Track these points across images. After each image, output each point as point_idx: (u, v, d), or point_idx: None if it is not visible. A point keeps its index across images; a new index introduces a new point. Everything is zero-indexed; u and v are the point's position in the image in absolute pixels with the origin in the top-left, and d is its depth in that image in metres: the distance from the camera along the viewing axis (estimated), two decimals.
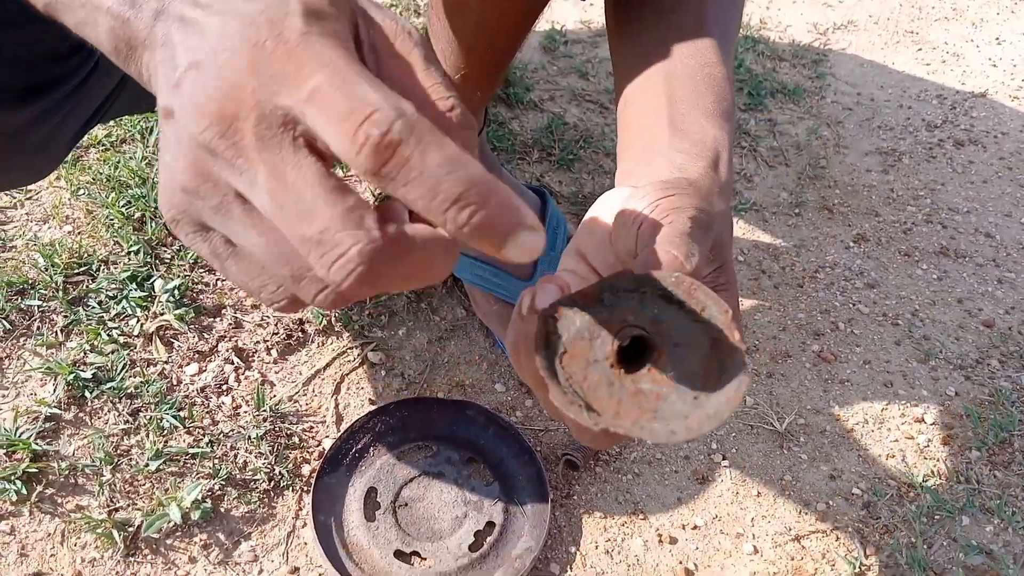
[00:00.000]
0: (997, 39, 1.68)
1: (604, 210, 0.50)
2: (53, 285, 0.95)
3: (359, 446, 0.86)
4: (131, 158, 1.12)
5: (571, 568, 0.81)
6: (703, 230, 0.43)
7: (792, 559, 0.84)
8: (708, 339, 0.36)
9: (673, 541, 0.84)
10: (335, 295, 0.31)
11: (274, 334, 0.96)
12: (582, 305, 0.37)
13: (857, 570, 0.82)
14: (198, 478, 0.82)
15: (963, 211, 1.28)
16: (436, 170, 0.28)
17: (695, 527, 0.86)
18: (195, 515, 0.79)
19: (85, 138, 1.16)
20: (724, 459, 0.92)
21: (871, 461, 0.93)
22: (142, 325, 0.94)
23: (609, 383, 0.35)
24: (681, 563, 0.82)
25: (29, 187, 1.08)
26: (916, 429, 0.97)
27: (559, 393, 0.35)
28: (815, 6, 1.76)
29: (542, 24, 1.55)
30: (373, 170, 0.28)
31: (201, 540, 0.79)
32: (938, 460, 0.94)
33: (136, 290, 0.96)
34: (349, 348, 0.96)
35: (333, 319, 0.98)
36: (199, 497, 0.80)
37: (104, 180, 1.09)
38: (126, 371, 0.90)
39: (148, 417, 0.87)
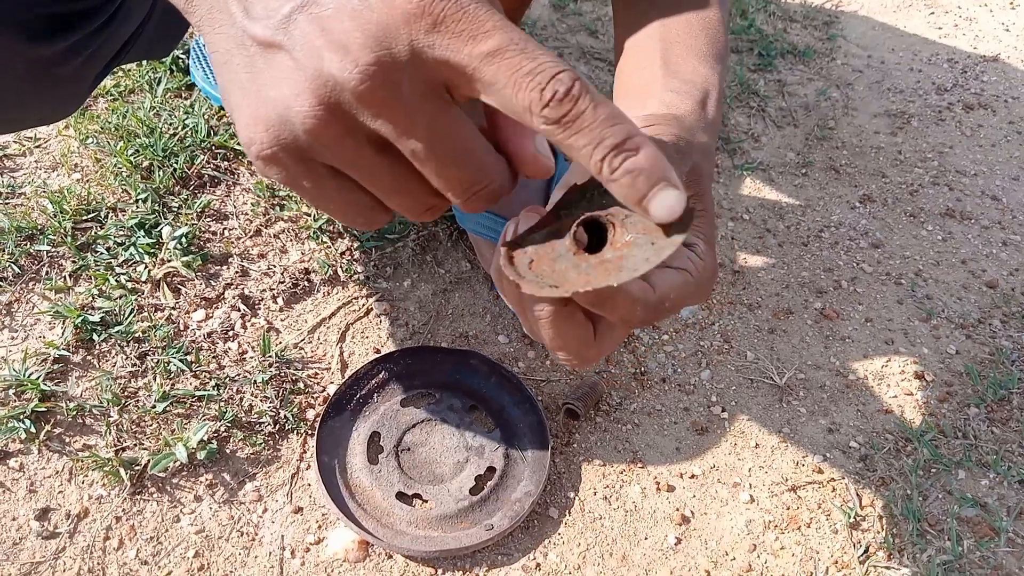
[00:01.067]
0: (1011, 3, 1.66)
1: None
2: (62, 231, 0.96)
3: (363, 392, 0.87)
4: (139, 108, 1.13)
5: (569, 513, 0.82)
6: (678, 154, 0.44)
7: (788, 508, 0.85)
8: None
9: (671, 489, 0.85)
10: (472, 202, 0.36)
11: (280, 283, 0.97)
12: (542, 226, 0.40)
13: (852, 520, 0.84)
14: (204, 420, 0.84)
15: (970, 174, 1.27)
16: (604, 121, 0.32)
17: (693, 476, 0.87)
18: (201, 455, 0.81)
19: (101, 81, 1.16)
20: (724, 411, 0.93)
21: (869, 416, 0.94)
22: (150, 271, 0.95)
23: (576, 266, 0.37)
24: (678, 510, 0.84)
25: (38, 134, 1.08)
26: (916, 385, 0.97)
27: (530, 284, 0.36)
28: None
29: None
30: (556, 119, 0.32)
31: (206, 480, 0.81)
32: (936, 416, 0.94)
33: (144, 237, 0.97)
34: (355, 298, 0.97)
35: (339, 269, 0.99)
36: (205, 438, 0.82)
37: (113, 129, 1.09)
38: (134, 316, 0.91)
39: (155, 360, 0.88)
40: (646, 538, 0.82)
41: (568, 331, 0.41)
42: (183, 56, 1.21)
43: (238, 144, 1.10)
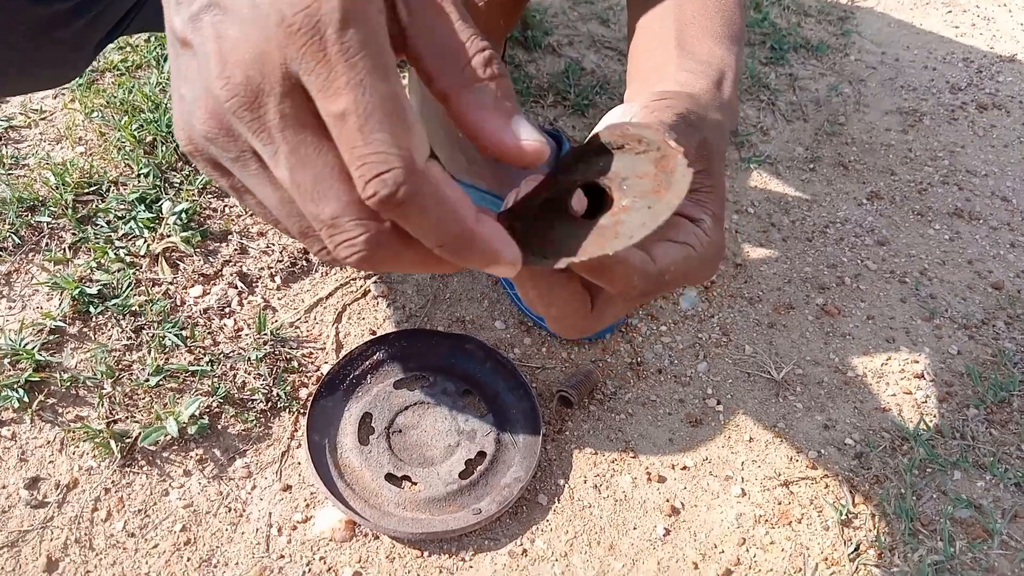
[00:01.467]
0: None
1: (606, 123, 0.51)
2: (63, 203, 0.96)
3: (357, 372, 0.87)
4: (145, 84, 1.13)
5: (559, 500, 0.82)
6: (689, 126, 0.43)
7: (779, 503, 0.84)
8: (652, 162, 0.37)
9: (662, 480, 0.85)
10: (333, 261, 0.33)
11: (279, 261, 0.97)
12: (539, 192, 0.39)
13: (844, 517, 0.83)
14: (197, 395, 0.84)
15: (981, 174, 1.26)
16: (428, 228, 0.31)
17: (684, 467, 0.86)
18: (192, 430, 0.81)
19: (100, 61, 1.17)
20: (719, 404, 0.92)
21: (866, 413, 0.93)
22: (149, 246, 0.95)
23: (572, 233, 0.36)
24: (668, 501, 0.83)
25: (43, 107, 1.09)
26: (915, 385, 0.96)
27: (525, 254, 0.35)
28: None
29: None
30: (376, 210, 0.30)
31: (197, 455, 0.81)
32: (934, 415, 0.93)
33: (144, 211, 0.97)
34: (352, 279, 0.97)
35: None
36: (196, 413, 0.82)
37: (118, 104, 1.09)
38: (131, 289, 0.91)
39: (150, 335, 0.88)
40: (635, 528, 0.81)
41: (564, 301, 0.40)
42: None
43: None
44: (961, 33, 1.57)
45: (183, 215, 0.97)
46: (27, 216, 0.95)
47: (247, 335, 0.90)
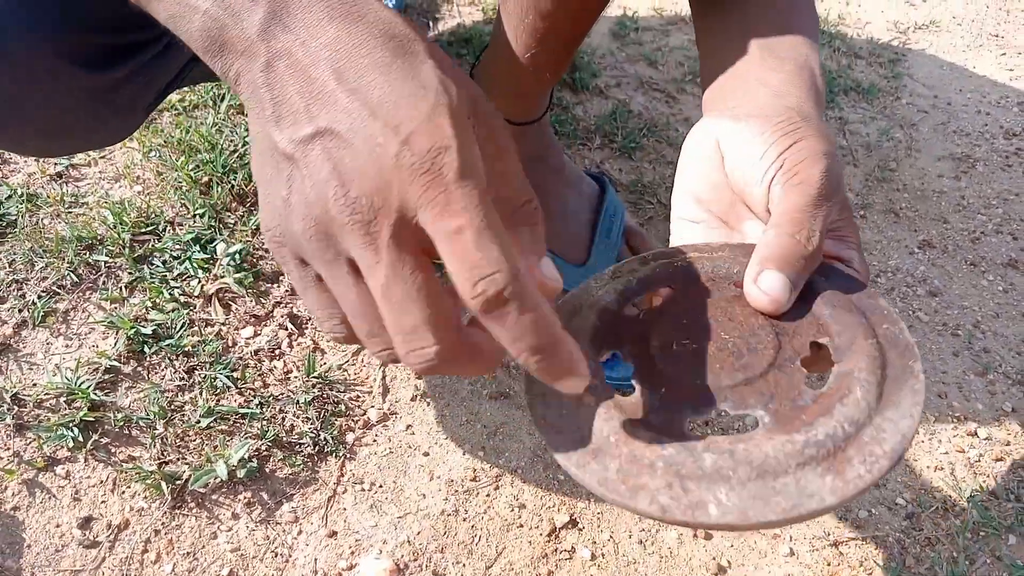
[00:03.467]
0: None
1: (705, 145, 0.53)
2: (120, 242, 0.98)
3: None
4: (202, 123, 1.15)
5: (603, 555, 0.82)
6: (835, 186, 0.47)
7: (828, 564, 0.83)
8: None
9: (708, 537, 0.84)
10: (394, 361, 0.39)
11: None
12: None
13: None
14: (246, 438, 0.85)
15: None
16: (525, 327, 0.35)
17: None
18: (241, 473, 0.82)
19: (158, 105, 1.20)
20: None
21: (918, 472, 0.91)
22: (202, 286, 0.97)
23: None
24: (715, 559, 0.82)
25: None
26: (968, 443, 0.94)
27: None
28: (897, 4, 1.71)
29: (613, 9, 1.55)
30: (479, 312, 0.35)
31: (245, 498, 0.82)
32: (988, 476, 0.91)
33: (199, 252, 0.99)
34: None
35: None
36: (246, 456, 0.83)
37: (175, 143, 1.12)
38: (184, 329, 0.93)
39: (203, 375, 0.89)
40: None
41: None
42: None
43: None
44: (1016, 76, 1.55)
45: (236, 256, 0.99)
46: (85, 255, 0.97)
47: (296, 377, 0.91)
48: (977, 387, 1.00)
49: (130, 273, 0.97)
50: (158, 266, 0.98)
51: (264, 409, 0.87)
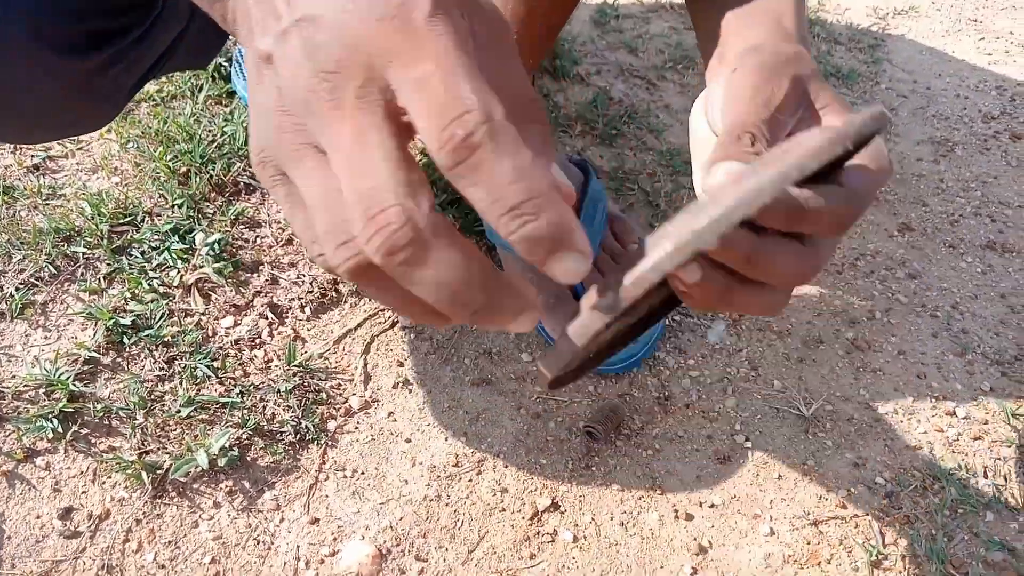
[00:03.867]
0: None
1: (698, 117, 0.55)
2: (99, 233, 0.98)
3: None
4: (180, 114, 1.15)
5: (585, 537, 0.82)
6: (774, 68, 0.46)
7: (808, 543, 0.83)
8: None
9: (689, 518, 0.84)
10: (355, 264, 0.32)
11: (308, 292, 0.98)
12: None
13: (874, 558, 0.82)
14: (227, 426, 0.85)
15: (1014, 205, 1.24)
16: (503, 177, 0.29)
17: (712, 505, 0.86)
18: (222, 462, 0.82)
19: (138, 93, 1.19)
20: (747, 440, 0.91)
21: (897, 451, 0.92)
22: (182, 276, 0.96)
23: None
24: (696, 539, 0.83)
25: (80, 137, 1.11)
26: (947, 422, 0.95)
27: None
28: None
29: None
30: (449, 166, 0.30)
31: (226, 486, 0.82)
32: (967, 455, 0.92)
33: (178, 242, 0.99)
34: (381, 310, 0.98)
35: None
36: (227, 445, 0.83)
37: (153, 134, 1.11)
38: (164, 320, 0.92)
39: (182, 365, 0.89)
40: (662, 567, 0.81)
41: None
42: (225, 64, 1.23)
43: None
44: (994, 60, 1.55)
45: (215, 246, 0.99)
46: (63, 246, 0.97)
47: (277, 366, 0.90)
48: (956, 367, 1.01)
49: (108, 264, 0.96)
50: (137, 257, 0.97)
51: (245, 398, 0.87)
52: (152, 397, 0.86)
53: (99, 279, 0.95)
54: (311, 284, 0.98)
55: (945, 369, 1.01)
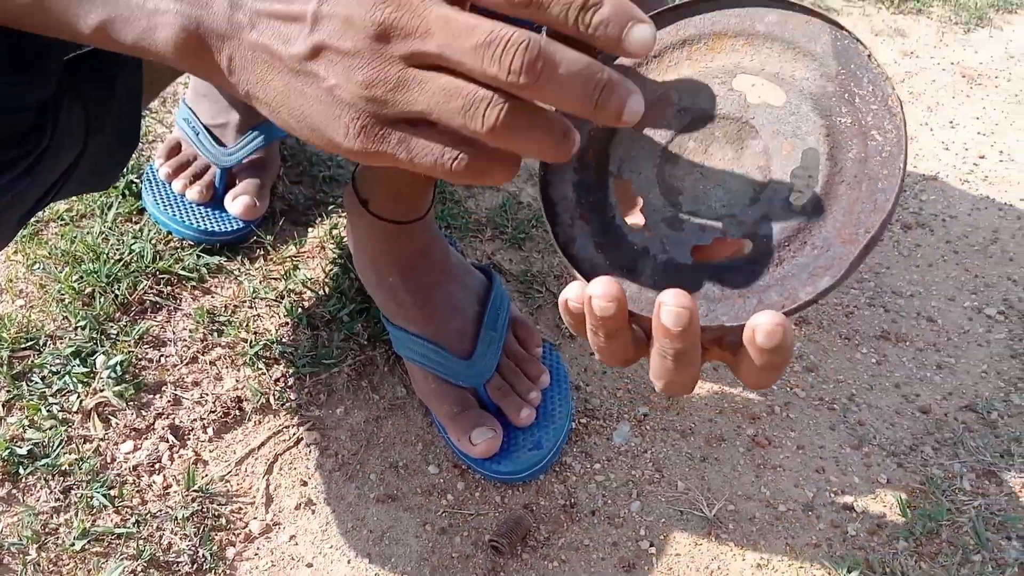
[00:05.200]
0: (951, 122, 1.72)
1: None
2: None
3: None
4: (88, 233, 1.15)
5: None
6: None
7: None
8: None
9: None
10: (504, 106, 0.38)
11: (212, 412, 0.97)
12: None
13: None
14: (121, 559, 0.83)
15: (906, 295, 1.30)
16: (581, 64, 0.38)
17: None
18: None
19: (47, 212, 1.19)
20: (651, 546, 0.93)
21: (798, 550, 0.94)
22: (81, 401, 0.95)
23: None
24: None
25: None
26: (845, 517, 0.97)
27: None
28: None
29: None
30: (526, 86, 0.38)
31: None
32: (865, 549, 0.94)
33: (79, 365, 0.98)
34: (285, 427, 0.98)
35: (272, 397, 1.00)
36: None
37: (60, 255, 1.11)
38: (62, 447, 0.91)
39: (79, 495, 0.88)
40: None
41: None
42: (136, 180, 1.24)
43: (182, 269, 1.12)
44: None
45: (117, 367, 0.98)
46: None
47: (175, 492, 0.90)
48: (854, 460, 1.04)
49: (8, 391, 0.95)
50: (37, 382, 0.97)
51: (141, 528, 0.86)
52: (46, 530, 0.85)
53: None
54: (214, 403, 0.98)
55: (843, 462, 1.04)
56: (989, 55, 1.93)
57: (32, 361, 0.98)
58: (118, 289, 1.07)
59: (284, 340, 1.06)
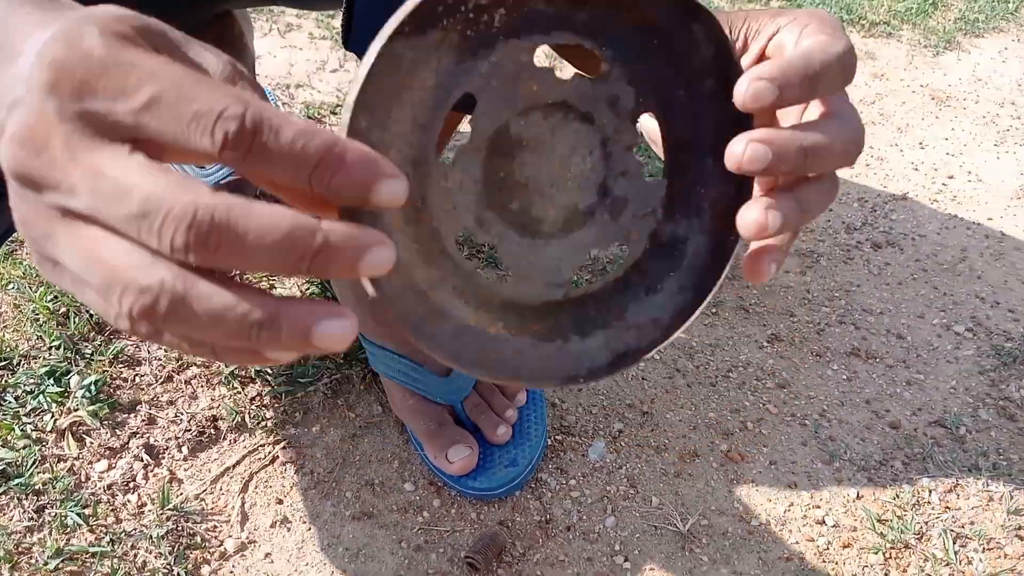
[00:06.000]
0: (920, 143, 1.76)
1: None
2: None
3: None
4: None
5: None
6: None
7: None
8: None
9: None
10: (151, 299, 0.29)
11: (186, 431, 0.97)
12: None
13: None
14: None
15: (876, 312, 1.32)
16: (294, 145, 0.29)
17: None
18: None
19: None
20: (626, 561, 0.93)
21: (771, 564, 0.95)
22: (55, 421, 0.95)
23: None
24: None
25: None
26: (816, 531, 0.99)
27: None
28: None
29: None
30: (240, 159, 0.29)
31: None
32: (836, 563, 0.96)
33: (53, 385, 0.98)
34: (261, 445, 0.98)
35: (247, 416, 1.00)
36: None
37: (34, 275, 1.11)
38: (36, 467, 0.91)
39: (53, 514, 0.87)
40: None
41: None
42: None
43: None
44: (856, 174, 1.67)
45: (91, 387, 0.98)
46: None
47: (150, 510, 0.89)
48: (825, 475, 1.06)
49: None
50: (11, 402, 0.96)
51: (115, 546, 0.86)
52: (19, 550, 0.84)
53: None
54: (189, 422, 0.98)
55: (815, 477, 1.05)
56: (957, 77, 1.97)
57: (6, 381, 0.98)
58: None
59: None
